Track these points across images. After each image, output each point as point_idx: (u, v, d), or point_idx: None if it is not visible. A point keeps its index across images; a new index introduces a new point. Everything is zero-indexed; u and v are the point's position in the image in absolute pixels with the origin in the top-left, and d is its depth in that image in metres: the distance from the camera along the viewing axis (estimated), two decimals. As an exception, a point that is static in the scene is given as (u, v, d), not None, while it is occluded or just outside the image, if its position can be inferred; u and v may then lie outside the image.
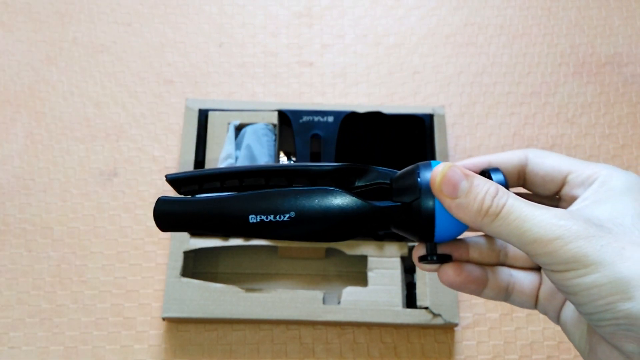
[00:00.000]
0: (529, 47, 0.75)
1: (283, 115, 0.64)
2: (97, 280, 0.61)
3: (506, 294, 0.31)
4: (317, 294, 0.57)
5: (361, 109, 0.64)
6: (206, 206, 0.30)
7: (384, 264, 0.58)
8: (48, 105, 0.70)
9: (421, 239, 0.29)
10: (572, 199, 0.29)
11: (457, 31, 0.76)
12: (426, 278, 0.57)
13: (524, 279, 0.31)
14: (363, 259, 0.59)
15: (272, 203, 0.29)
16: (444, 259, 0.29)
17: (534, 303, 0.31)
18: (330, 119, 0.63)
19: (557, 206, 0.30)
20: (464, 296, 0.60)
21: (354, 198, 0.29)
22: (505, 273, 0.31)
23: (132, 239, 0.63)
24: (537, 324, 0.59)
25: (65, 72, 0.72)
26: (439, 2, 0.78)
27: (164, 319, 0.57)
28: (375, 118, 0.64)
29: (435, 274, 0.58)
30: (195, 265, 0.61)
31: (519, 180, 0.32)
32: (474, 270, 0.30)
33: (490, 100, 0.72)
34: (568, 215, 0.25)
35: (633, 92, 0.72)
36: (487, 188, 0.27)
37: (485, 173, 0.30)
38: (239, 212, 0.29)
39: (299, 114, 0.64)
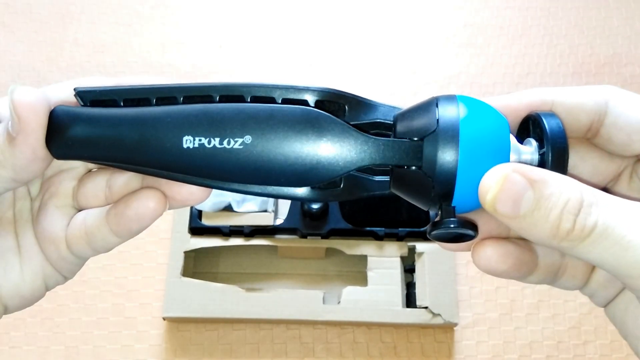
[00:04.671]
0: (528, 48, 0.75)
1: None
2: (98, 280, 0.61)
3: (554, 278, 0.24)
4: (317, 294, 0.57)
5: (361, 109, 0.64)
6: (121, 119, 0.21)
7: (384, 263, 0.58)
8: (49, 105, 0.70)
9: (431, 202, 0.20)
10: None
11: (457, 32, 0.76)
12: (426, 278, 0.57)
13: (578, 260, 0.23)
14: (363, 258, 0.59)
15: (219, 120, 0.20)
16: (466, 236, 0.20)
17: (581, 286, 0.24)
18: (330, 119, 0.63)
19: (634, 170, 0.23)
20: (463, 296, 0.61)
21: (344, 124, 0.20)
22: (555, 252, 0.23)
23: (133, 239, 0.63)
24: (537, 323, 0.60)
25: (67, 73, 0.72)
26: (439, 3, 0.78)
27: (164, 318, 0.57)
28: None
29: (435, 273, 0.59)
30: (196, 265, 0.61)
31: (588, 133, 0.22)
32: (523, 253, 0.22)
33: (490, 100, 0.72)
34: None
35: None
36: (565, 200, 0.18)
37: (531, 119, 0.21)
38: (168, 130, 0.20)
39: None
